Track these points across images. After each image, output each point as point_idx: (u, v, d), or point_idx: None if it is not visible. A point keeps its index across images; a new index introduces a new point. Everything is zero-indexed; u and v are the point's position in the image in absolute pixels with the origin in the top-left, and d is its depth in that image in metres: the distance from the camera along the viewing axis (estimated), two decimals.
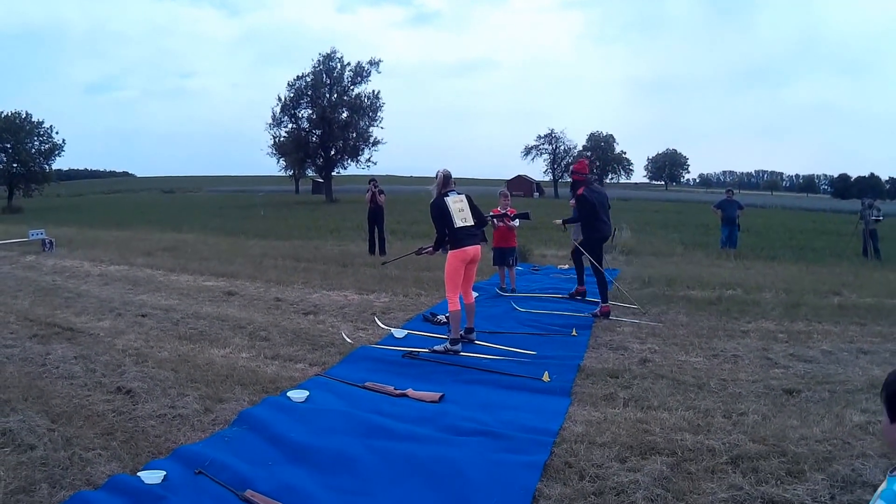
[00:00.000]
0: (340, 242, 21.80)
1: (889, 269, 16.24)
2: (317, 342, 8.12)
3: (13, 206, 59.98)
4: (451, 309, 7.83)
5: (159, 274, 13.82)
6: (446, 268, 7.87)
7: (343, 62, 66.98)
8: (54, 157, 67.73)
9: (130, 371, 6.66)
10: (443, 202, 7.84)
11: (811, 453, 4.72)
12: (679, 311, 10.02)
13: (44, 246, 18.54)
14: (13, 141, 63.44)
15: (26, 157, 64.52)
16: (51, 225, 25.39)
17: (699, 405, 5.87)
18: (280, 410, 5.58)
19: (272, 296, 11.17)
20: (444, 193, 7.92)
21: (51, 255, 17.61)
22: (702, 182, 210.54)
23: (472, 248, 7.93)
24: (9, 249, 18.53)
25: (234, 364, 7.06)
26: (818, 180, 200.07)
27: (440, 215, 7.86)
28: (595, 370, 7.00)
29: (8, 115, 64.25)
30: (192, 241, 21.49)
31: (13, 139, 63.46)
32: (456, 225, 7.82)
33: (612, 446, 4.90)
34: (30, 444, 4.79)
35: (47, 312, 9.73)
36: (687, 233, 26.76)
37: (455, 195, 7.97)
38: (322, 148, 67.59)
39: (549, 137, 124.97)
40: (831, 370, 7.07)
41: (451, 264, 7.84)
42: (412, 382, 6.50)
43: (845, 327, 9.11)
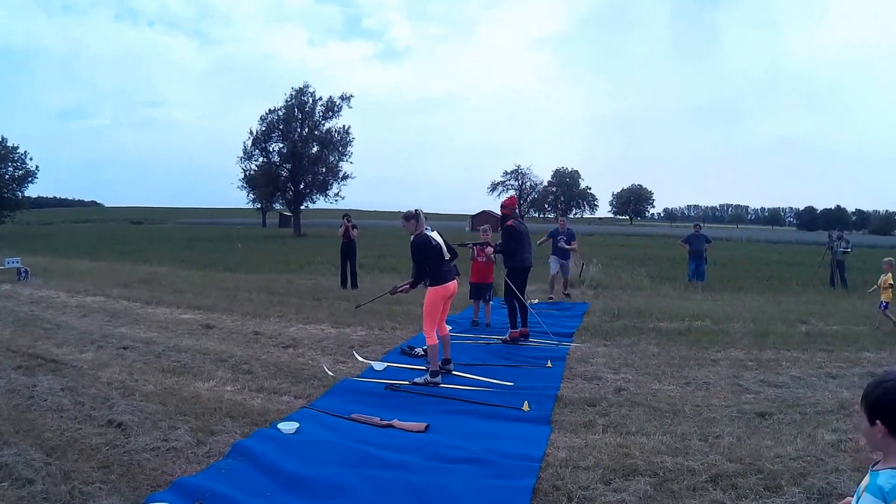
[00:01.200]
0: (312, 276, 21.75)
1: (855, 298, 16.61)
2: (299, 375, 8.14)
3: None
4: (428, 343, 7.92)
5: (136, 306, 13.71)
6: (426, 303, 7.97)
7: (315, 97, 67.11)
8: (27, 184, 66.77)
9: (119, 404, 6.63)
10: (427, 239, 7.96)
11: (787, 470, 4.93)
12: (650, 342, 10.23)
13: (19, 275, 18.29)
14: None
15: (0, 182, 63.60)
16: (24, 253, 25.03)
17: (676, 430, 6.07)
18: (272, 442, 5.62)
19: (250, 329, 11.16)
20: (424, 230, 8.05)
21: (27, 284, 17.39)
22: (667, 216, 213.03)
23: (452, 283, 8.08)
24: None
25: (220, 397, 7.06)
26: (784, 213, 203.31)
27: (425, 252, 7.97)
28: (572, 399, 7.14)
29: None
30: (166, 273, 21.34)
31: None
32: (445, 257, 7.99)
33: (596, 469, 5.05)
34: (28, 479, 4.75)
35: (28, 343, 9.63)
36: (654, 266, 27.03)
37: (430, 231, 8.12)
38: (292, 182, 67.42)
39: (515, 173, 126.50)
40: (801, 394, 7.32)
41: (432, 300, 7.95)
42: (397, 413, 6.57)
43: (813, 354, 9.40)
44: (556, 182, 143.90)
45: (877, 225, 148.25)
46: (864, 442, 2.46)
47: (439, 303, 7.99)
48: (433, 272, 7.99)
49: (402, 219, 8.45)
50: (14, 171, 65.07)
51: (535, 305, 14.14)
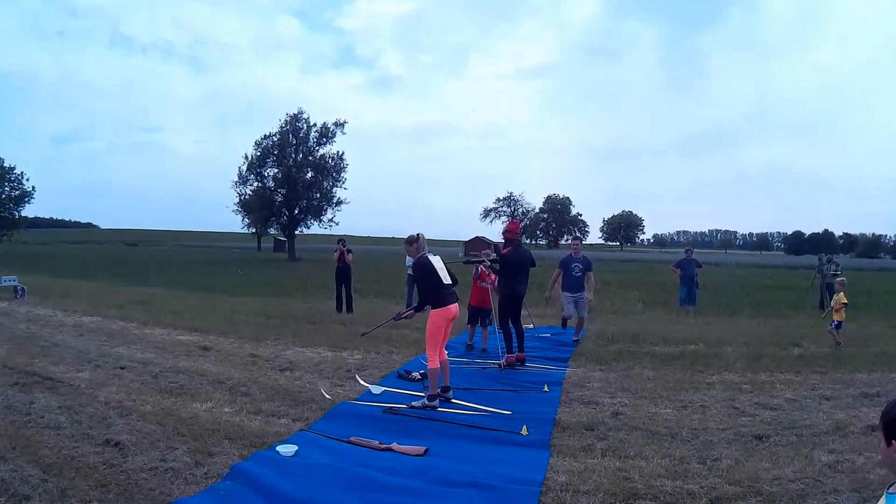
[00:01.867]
0: (307, 300, 21.67)
1: (845, 320, 16.56)
2: (297, 398, 8.05)
3: None
4: (430, 367, 7.84)
5: (133, 326, 13.60)
6: (428, 326, 7.90)
7: (309, 123, 67.29)
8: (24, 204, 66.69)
9: (116, 423, 6.52)
10: (429, 262, 7.92)
11: (785, 492, 4.91)
12: (645, 366, 10.19)
13: (16, 293, 18.18)
14: None
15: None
16: (20, 272, 24.86)
17: (674, 453, 6.02)
18: (271, 465, 5.52)
19: (247, 352, 11.05)
20: (426, 254, 8.01)
21: (23, 302, 17.27)
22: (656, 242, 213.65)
23: (454, 306, 8.02)
24: None
25: (218, 419, 6.96)
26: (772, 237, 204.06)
27: (427, 275, 7.93)
28: (570, 423, 7.09)
29: None
30: (162, 295, 21.25)
31: None
32: (444, 282, 7.93)
33: (597, 493, 5.01)
34: (24, 495, 4.66)
35: (25, 361, 9.52)
36: (645, 291, 27.05)
37: (433, 256, 8.08)
38: (286, 206, 67.42)
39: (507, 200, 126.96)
40: (796, 416, 7.30)
41: (435, 323, 7.88)
42: (395, 437, 6.49)
43: (806, 376, 9.40)
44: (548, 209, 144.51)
45: (864, 248, 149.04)
46: (882, 462, 2.41)
47: (442, 326, 7.93)
48: (434, 295, 7.94)
49: (405, 243, 8.43)
50: (11, 190, 65.10)
51: (531, 330, 14.08)
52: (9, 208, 65.01)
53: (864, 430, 6.61)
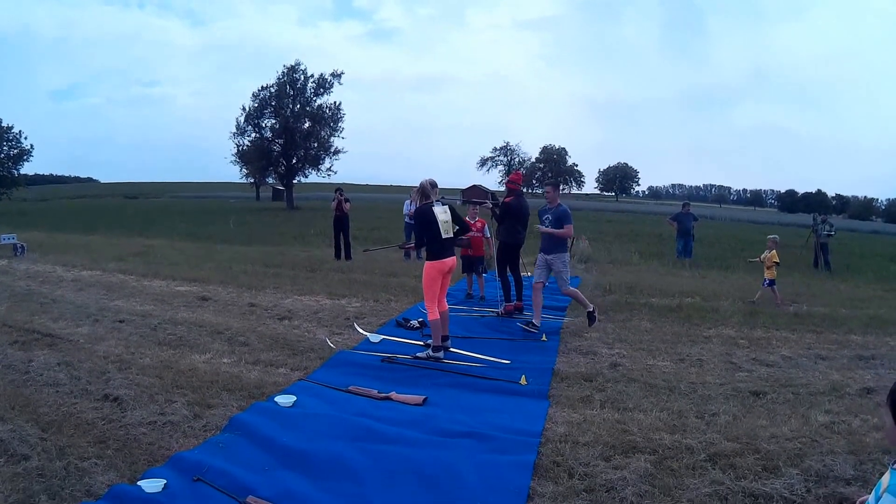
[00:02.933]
0: (305, 248, 21.59)
1: (839, 281, 16.65)
2: (296, 347, 7.98)
3: None
4: (430, 318, 7.72)
5: (132, 279, 13.49)
6: (424, 278, 7.76)
7: (306, 74, 66.50)
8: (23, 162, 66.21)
9: (115, 378, 6.44)
10: (430, 211, 7.73)
11: (783, 451, 4.83)
12: (642, 317, 10.12)
13: (15, 250, 18.00)
14: None
15: None
16: (20, 229, 24.66)
17: (672, 406, 5.96)
18: (269, 415, 5.45)
19: (245, 301, 10.97)
20: (431, 203, 7.82)
21: (22, 259, 17.09)
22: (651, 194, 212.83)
23: (449, 260, 7.85)
24: None
25: (217, 370, 6.89)
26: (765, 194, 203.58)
27: (426, 224, 7.75)
28: (569, 374, 7.03)
29: None
30: (161, 247, 21.10)
31: None
32: (443, 236, 7.76)
33: (595, 446, 4.94)
34: (23, 455, 4.58)
35: (25, 318, 9.40)
36: (641, 243, 26.99)
37: (440, 206, 7.86)
38: (284, 157, 66.96)
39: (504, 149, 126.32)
40: (793, 374, 7.21)
41: (429, 275, 7.73)
42: (394, 386, 6.43)
43: (802, 335, 9.31)
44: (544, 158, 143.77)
45: (856, 210, 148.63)
46: (889, 440, 2.33)
47: (437, 278, 7.79)
48: (430, 246, 7.80)
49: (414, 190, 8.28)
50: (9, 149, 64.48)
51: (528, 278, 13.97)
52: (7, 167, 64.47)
53: (860, 392, 6.53)
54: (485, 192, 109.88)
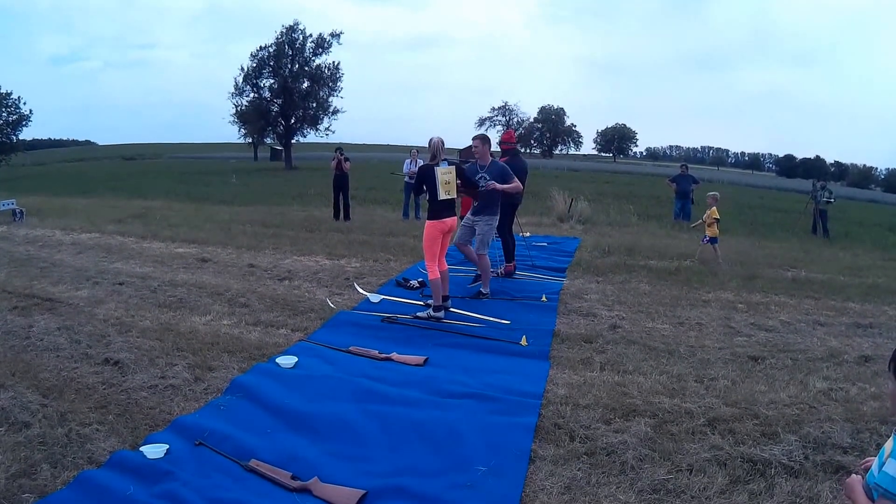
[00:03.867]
0: (304, 208, 21.46)
1: (837, 248, 16.59)
2: (296, 308, 7.91)
3: None
4: (430, 278, 7.64)
5: (131, 241, 13.36)
6: (425, 237, 7.67)
7: (305, 34, 65.61)
8: (21, 128, 65.64)
9: (115, 341, 6.38)
10: (431, 171, 7.60)
11: (781, 416, 4.83)
12: (641, 280, 10.07)
13: (14, 216, 17.85)
14: None
15: None
16: (19, 194, 24.45)
17: (671, 370, 5.94)
18: (271, 377, 5.41)
19: (245, 262, 10.88)
20: (435, 163, 7.69)
21: (21, 224, 16.93)
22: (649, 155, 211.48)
23: (450, 219, 7.74)
24: None
25: (217, 331, 6.83)
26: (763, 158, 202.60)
27: (427, 183, 7.65)
28: (569, 335, 7.00)
29: None
30: (160, 208, 20.93)
31: None
32: (439, 197, 7.62)
33: (596, 408, 4.93)
34: (24, 422, 4.52)
35: (24, 283, 9.31)
36: (639, 204, 26.80)
37: (445, 166, 7.70)
38: (283, 116, 66.42)
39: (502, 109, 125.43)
40: (791, 339, 7.19)
41: (430, 234, 7.65)
42: (394, 346, 6.40)
43: (800, 300, 9.25)
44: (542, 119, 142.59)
45: (855, 177, 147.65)
46: (892, 406, 2.25)
47: (437, 237, 7.69)
48: (432, 206, 7.70)
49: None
50: (8, 115, 63.87)
51: (528, 238, 13.92)
52: (6, 133, 63.88)
53: (858, 360, 6.50)
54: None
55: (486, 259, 8.83)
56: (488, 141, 8.74)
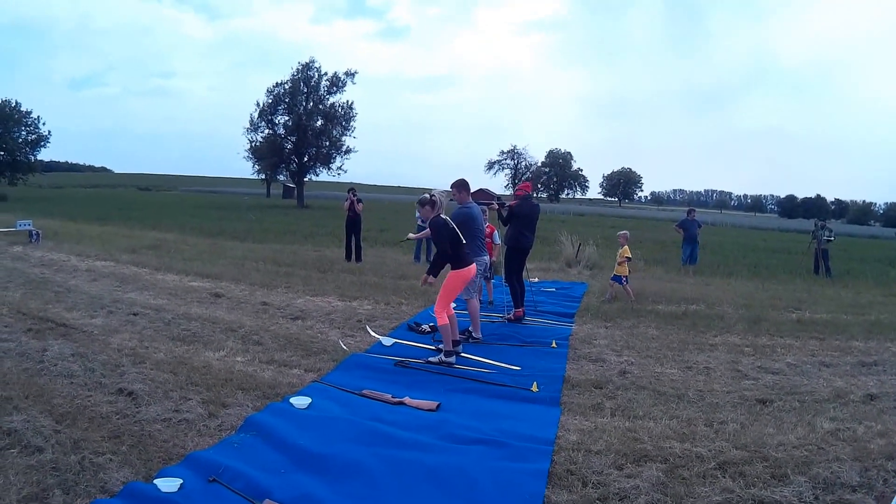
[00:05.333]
0: (317, 248, 21.51)
1: (840, 287, 16.63)
2: (309, 348, 7.93)
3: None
4: (440, 324, 7.63)
5: (145, 272, 13.45)
6: (446, 285, 7.73)
7: (320, 72, 66.39)
8: (40, 148, 66.36)
9: (130, 372, 6.42)
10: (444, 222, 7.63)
11: (790, 458, 4.85)
12: (649, 325, 10.11)
13: (31, 237, 18.04)
14: (1, 129, 61.92)
15: (13, 146, 63.02)
16: (35, 215, 24.69)
17: (681, 414, 5.97)
18: (285, 417, 5.41)
19: (258, 299, 10.92)
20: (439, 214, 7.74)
21: (38, 246, 17.10)
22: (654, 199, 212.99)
23: (473, 266, 7.89)
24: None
25: (231, 368, 6.85)
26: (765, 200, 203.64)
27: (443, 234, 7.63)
28: (579, 381, 7.01)
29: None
30: (174, 241, 21.03)
31: (1, 128, 61.93)
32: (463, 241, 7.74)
33: (608, 454, 4.93)
34: (37, 447, 4.54)
35: (39, 306, 9.39)
36: (645, 249, 26.86)
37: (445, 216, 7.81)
38: (296, 154, 66.90)
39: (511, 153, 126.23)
40: (797, 381, 7.26)
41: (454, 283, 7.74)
42: (406, 390, 6.39)
43: (805, 341, 9.33)
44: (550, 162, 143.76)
45: (855, 215, 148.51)
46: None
47: (459, 287, 7.76)
48: (454, 255, 7.72)
49: (418, 203, 8.20)
50: (27, 135, 64.65)
51: (536, 284, 13.94)
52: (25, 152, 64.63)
53: (863, 398, 6.58)
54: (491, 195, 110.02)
55: (473, 303, 8.89)
56: (463, 187, 8.86)
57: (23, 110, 64.11)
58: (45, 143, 66.09)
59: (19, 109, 63.78)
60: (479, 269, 8.85)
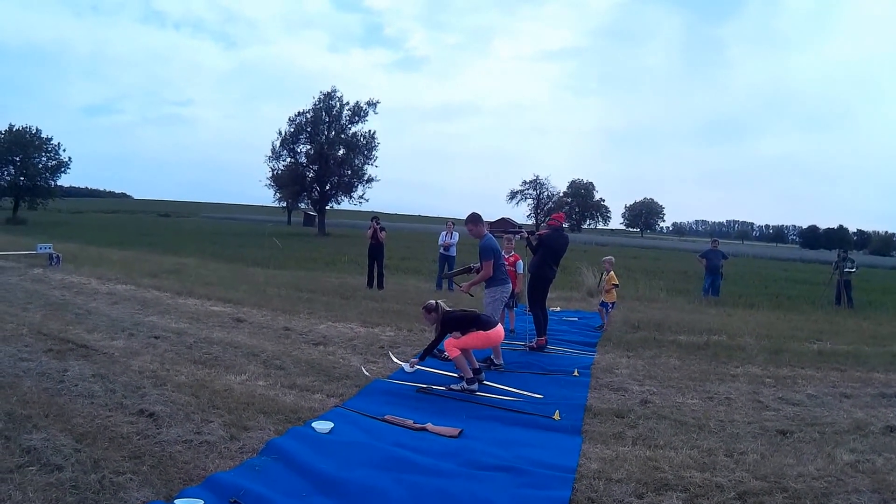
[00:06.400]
0: (339, 275, 21.59)
1: (861, 318, 16.47)
2: (331, 373, 7.92)
3: (18, 217, 59.25)
4: (452, 356, 7.67)
5: (166, 296, 13.54)
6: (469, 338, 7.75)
7: (342, 101, 67.13)
8: (60, 174, 67.37)
9: (151, 394, 6.43)
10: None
11: (810, 490, 4.83)
12: (671, 355, 10.05)
13: (50, 260, 18.23)
14: (22, 155, 63.14)
15: (33, 171, 64.25)
16: (54, 239, 24.96)
17: (702, 444, 5.94)
18: (306, 441, 5.39)
19: (280, 325, 10.94)
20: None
21: (57, 269, 17.28)
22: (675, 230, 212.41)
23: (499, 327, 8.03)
24: (16, 261, 18.19)
25: (252, 392, 6.85)
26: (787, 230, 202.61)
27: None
28: (601, 410, 6.98)
29: (18, 130, 63.98)
30: (194, 266, 21.23)
31: (22, 153, 63.15)
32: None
33: (628, 483, 4.91)
34: (57, 465, 4.55)
35: (59, 327, 9.46)
36: (667, 279, 26.77)
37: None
38: (318, 182, 67.45)
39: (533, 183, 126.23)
40: (818, 413, 7.21)
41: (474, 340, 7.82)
42: (429, 417, 6.36)
43: (826, 373, 9.28)
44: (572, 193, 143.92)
45: (877, 245, 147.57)
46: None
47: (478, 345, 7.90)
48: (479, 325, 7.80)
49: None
50: (48, 160, 65.65)
51: (557, 313, 13.89)
52: (45, 178, 65.62)
53: (883, 430, 6.52)
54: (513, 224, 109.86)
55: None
56: (477, 221, 8.97)
57: (43, 137, 65.20)
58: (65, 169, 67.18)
59: (39, 136, 64.93)
60: (503, 297, 8.93)
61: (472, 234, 9.01)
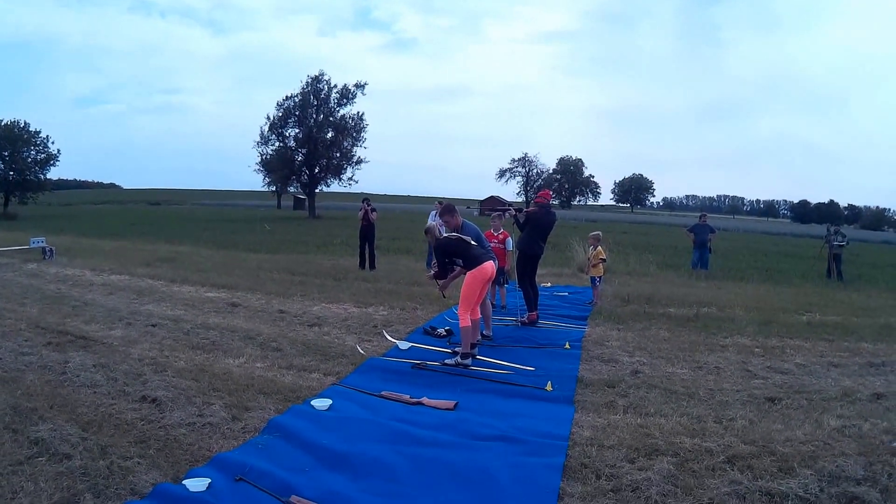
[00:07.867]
0: (331, 257, 21.68)
1: (851, 290, 16.70)
2: (327, 353, 8.04)
3: (8, 212, 58.83)
4: (462, 325, 7.75)
5: (161, 284, 13.61)
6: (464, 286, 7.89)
7: (330, 84, 66.82)
8: (49, 167, 66.88)
9: (152, 380, 6.52)
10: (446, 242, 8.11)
11: (797, 453, 4.95)
12: (661, 327, 10.20)
13: (44, 254, 18.22)
14: (10, 149, 62.48)
15: (23, 165, 63.58)
16: (47, 233, 24.89)
17: (692, 412, 6.07)
18: (307, 418, 5.53)
19: (275, 308, 11.06)
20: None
21: (52, 263, 17.27)
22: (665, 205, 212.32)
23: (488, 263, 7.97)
24: (10, 256, 18.16)
25: (251, 374, 6.96)
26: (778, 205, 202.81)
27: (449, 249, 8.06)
28: (592, 381, 7.13)
29: (7, 124, 63.27)
30: (188, 253, 21.24)
31: (10, 147, 62.50)
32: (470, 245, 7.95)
33: (620, 448, 5.06)
34: (65, 454, 4.65)
35: (57, 320, 9.54)
36: (658, 254, 26.94)
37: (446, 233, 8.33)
38: (307, 166, 67.26)
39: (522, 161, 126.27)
40: (806, 381, 7.34)
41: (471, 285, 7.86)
42: (424, 391, 6.50)
43: (815, 343, 9.41)
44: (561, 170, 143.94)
45: (868, 220, 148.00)
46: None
47: (477, 288, 7.87)
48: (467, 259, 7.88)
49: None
50: (36, 154, 65.17)
51: (549, 289, 14.06)
52: (34, 171, 65.19)
53: (871, 397, 6.66)
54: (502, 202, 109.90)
55: (485, 303, 9.06)
56: (450, 211, 8.85)
57: (31, 130, 64.68)
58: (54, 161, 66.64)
59: (28, 130, 64.36)
60: None
61: (448, 225, 8.82)
